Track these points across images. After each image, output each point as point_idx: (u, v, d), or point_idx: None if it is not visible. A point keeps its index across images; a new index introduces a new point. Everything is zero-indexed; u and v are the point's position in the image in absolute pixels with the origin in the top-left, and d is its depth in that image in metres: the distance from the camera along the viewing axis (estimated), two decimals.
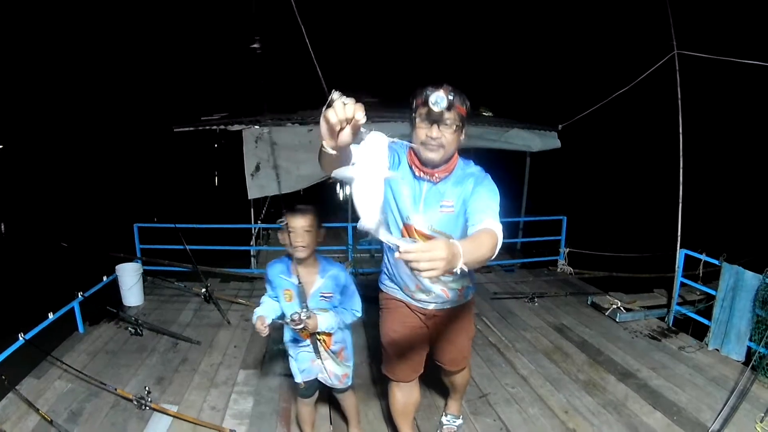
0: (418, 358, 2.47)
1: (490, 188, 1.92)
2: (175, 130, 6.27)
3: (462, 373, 2.70)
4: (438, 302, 2.28)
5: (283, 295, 2.36)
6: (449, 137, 1.84)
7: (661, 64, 4.98)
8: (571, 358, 4.04)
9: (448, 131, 1.83)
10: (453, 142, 1.87)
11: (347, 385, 2.64)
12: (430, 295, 2.24)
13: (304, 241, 2.22)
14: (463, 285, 2.29)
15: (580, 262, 6.69)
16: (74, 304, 4.29)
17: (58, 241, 6.09)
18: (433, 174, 1.97)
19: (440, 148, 1.86)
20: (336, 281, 2.37)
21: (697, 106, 5.92)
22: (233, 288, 5.82)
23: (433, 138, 1.83)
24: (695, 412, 3.20)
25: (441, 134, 1.82)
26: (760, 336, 3.71)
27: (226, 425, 3.02)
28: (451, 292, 2.25)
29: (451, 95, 1.72)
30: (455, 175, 2.00)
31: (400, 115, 6.29)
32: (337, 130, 1.19)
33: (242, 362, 3.91)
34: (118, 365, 3.81)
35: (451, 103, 1.73)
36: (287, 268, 2.35)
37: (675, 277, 4.78)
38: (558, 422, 3.12)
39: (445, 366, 2.58)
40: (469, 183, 1.95)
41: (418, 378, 2.55)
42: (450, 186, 1.99)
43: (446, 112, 1.76)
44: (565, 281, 6.23)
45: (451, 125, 1.82)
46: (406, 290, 2.30)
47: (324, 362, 2.46)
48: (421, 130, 1.86)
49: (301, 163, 6.05)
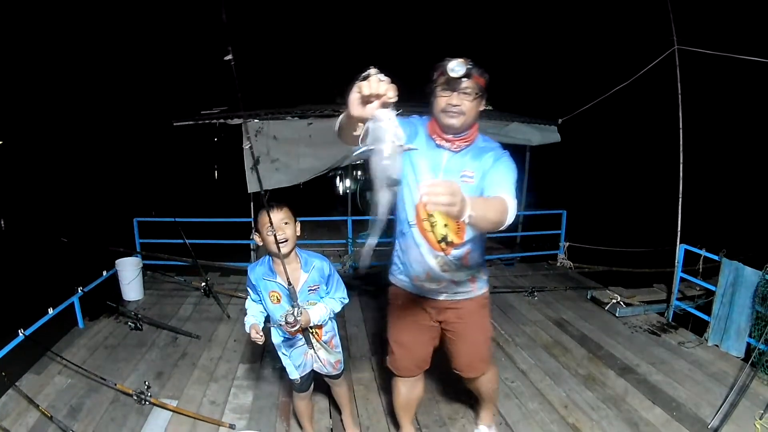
0: (424, 354, 2.46)
1: (508, 165, 1.97)
2: (175, 124, 6.24)
3: (486, 378, 2.56)
4: (449, 292, 2.24)
5: (268, 298, 2.30)
6: (468, 105, 1.91)
7: (662, 59, 4.95)
8: (570, 353, 4.04)
9: (467, 99, 1.90)
10: (472, 110, 1.93)
11: (341, 371, 2.65)
12: (440, 284, 2.20)
13: (285, 235, 2.17)
14: (474, 274, 2.25)
15: (580, 256, 6.69)
16: (74, 299, 4.29)
17: (57, 236, 6.09)
18: (454, 142, 2.01)
19: (460, 115, 1.92)
20: (321, 273, 2.33)
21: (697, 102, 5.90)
22: (233, 282, 5.82)
23: (453, 105, 1.90)
24: (694, 407, 3.21)
25: (461, 101, 1.90)
26: (760, 332, 3.70)
27: (225, 419, 3.03)
28: (462, 284, 2.23)
29: (470, 64, 1.79)
30: (475, 147, 2.05)
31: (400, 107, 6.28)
32: (365, 102, 1.25)
33: (242, 356, 3.92)
34: (117, 360, 3.82)
35: (469, 71, 1.79)
36: (270, 269, 2.29)
37: (675, 272, 4.78)
38: (557, 417, 3.12)
39: (463, 373, 2.47)
40: (488, 157, 2.00)
41: (423, 373, 2.56)
42: (470, 158, 2.02)
43: (465, 81, 1.84)
44: (565, 275, 6.24)
45: (471, 93, 1.89)
46: (416, 280, 2.25)
47: (317, 352, 2.45)
48: (442, 98, 1.93)
49: (301, 157, 6.03)
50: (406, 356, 2.46)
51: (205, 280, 5.04)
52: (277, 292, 2.29)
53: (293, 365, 2.47)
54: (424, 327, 2.38)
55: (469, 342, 2.37)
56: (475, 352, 2.41)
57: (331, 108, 6.14)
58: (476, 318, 2.34)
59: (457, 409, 3.17)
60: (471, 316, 2.32)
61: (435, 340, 2.45)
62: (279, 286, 2.27)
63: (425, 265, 2.16)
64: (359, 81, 1.23)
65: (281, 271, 2.23)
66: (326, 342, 2.48)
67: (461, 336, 2.36)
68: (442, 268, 2.14)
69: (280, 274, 2.24)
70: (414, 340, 2.42)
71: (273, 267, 2.28)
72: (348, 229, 6.24)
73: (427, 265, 2.15)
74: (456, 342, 2.38)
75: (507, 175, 1.92)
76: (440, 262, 2.12)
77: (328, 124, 5.96)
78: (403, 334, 2.43)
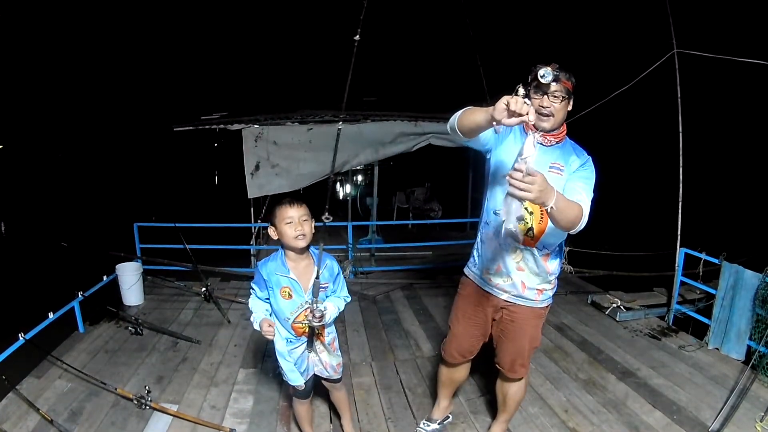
0: (470, 347, 2.61)
1: (591, 172, 2.15)
2: (175, 129, 6.26)
3: (516, 386, 2.65)
4: (512, 293, 2.36)
5: (279, 293, 2.31)
6: (557, 106, 2.08)
7: (661, 62, 4.97)
8: (571, 357, 4.04)
9: (556, 101, 2.07)
10: (560, 111, 2.10)
11: (341, 375, 2.67)
12: (507, 281, 2.33)
13: (303, 230, 2.22)
14: (544, 287, 2.35)
15: (580, 260, 6.68)
16: (74, 304, 4.29)
17: (58, 240, 6.09)
18: (546, 136, 2.16)
19: (550, 117, 2.09)
20: (331, 271, 2.37)
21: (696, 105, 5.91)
22: (233, 287, 5.82)
23: (544, 107, 2.07)
24: (695, 411, 3.20)
25: (550, 104, 2.07)
26: (760, 335, 3.70)
27: (226, 424, 3.02)
28: (529, 290, 2.33)
29: (558, 71, 1.99)
30: (565, 145, 2.20)
31: (399, 114, 6.30)
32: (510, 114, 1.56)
33: (242, 361, 3.91)
34: (118, 364, 3.81)
35: (557, 76, 1.98)
36: (282, 264, 2.31)
37: (675, 275, 4.78)
38: (558, 421, 3.12)
39: (504, 369, 2.56)
40: (575, 159, 2.16)
41: (470, 362, 2.75)
42: (559, 153, 2.18)
43: (553, 85, 2.02)
44: (565, 280, 6.23)
45: (559, 96, 2.06)
46: (485, 273, 2.40)
47: (320, 354, 2.49)
48: (535, 100, 2.09)
49: (301, 162, 6.05)
50: (453, 343, 2.64)
51: (205, 285, 5.04)
52: (288, 287, 2.30)
53: (298, 371, 2.47)
54: (478, 322, 2.53)
55: (515, 345, 2.48)
56: (518, 351, 2.49)
57: (331, 113, 6.16)
58: (528, 326, 2.43)
59: (456, 415, 3.16)
60: (524, 322, 2.42)
61: (485, 337, 2.59)
62: (291, 282, 2.29)
63: (501, 256, 2.30)
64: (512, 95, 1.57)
65: (294, 267, 2.29)
66: (328, 344, 2.51)
67: (509, 337, 2.47)
68: (518, 265, 2.28)
69: (293, 269, 2.29)
70: (464, 332, 2.58)
71: (286, 262, 2.31)
72: (348, 234, 6.24)
73: (503, 257, 2.29)
74: (503, 341, 2.51)
75: (588, 183, 2.10)
76: (518, 256, 2.27)
77: (328, 130, 5.99)
78: (457, 323, 2.60)
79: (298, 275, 2.29)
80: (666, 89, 4.81)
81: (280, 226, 2.23)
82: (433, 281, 6.10)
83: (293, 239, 2.21)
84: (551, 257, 2.29)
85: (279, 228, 2.24)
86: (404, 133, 6.25)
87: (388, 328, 4.67)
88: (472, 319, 2.53)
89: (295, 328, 2.34)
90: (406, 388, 3.53)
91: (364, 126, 6.10)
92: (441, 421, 2.98)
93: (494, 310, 2.45)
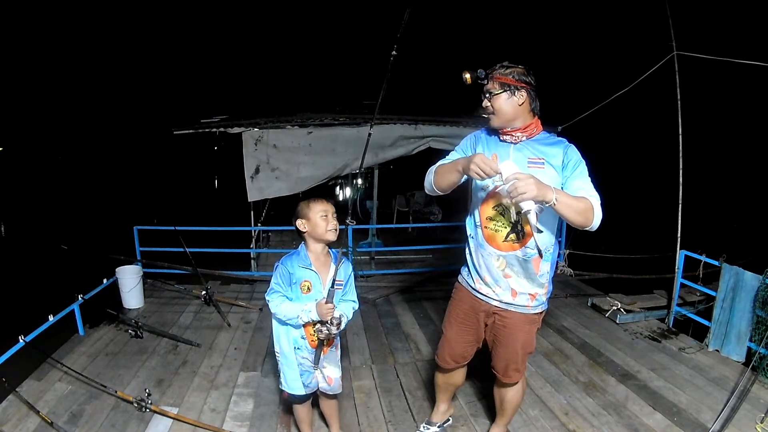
0: (463, 351, 2.58)
1: (577, 161, 2.11)
2: (175, 132, 6.26)
3: (513, 390, 2.63)
4: (503, 300, 2.33)
5: (300, 287, 2.33)
6: (497, 104, 2.08)
7: (661, 64, 4.98)
8: (571, 360, 4.04)
9: (496, 99, 2.08)
10: (505, 105, 2.09)
11: (342, 389, 2.70)
12: (497, 289, 2.31)
13: (335, 225, 2.29)
14: (536, 291, 2.30)
15: (580, 263, 6.68)
16: (74, 307, 4.29)
17: (58, 243, 6.09)
18: (513, 134, 2.15)
19: (492, 115, 2.12)
20: (346, 271, 2.43)
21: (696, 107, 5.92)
22: (233, 290, 5.83)
23: (483, 107, 2.13)
24: (695, 412, 3.20)
25: (488, 103, 2.10)
26: (760, 336, 3.70)
27: (226, 427, 3.02)
28: (521, 296, 2.30)
29: (480, 71, 2.04)
30: (538, 139, 2.17)
31: (399, 117, 6.30)
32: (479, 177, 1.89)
33: (242, 364, 3.91)
34: (118, 367, 3.81)
35: (485, 75, 2.04)
36: (305, 257, 2.35)
37: (675, 278, 4.78)
38: (558, 424, 3.12)
39: (499, 374, 2.54)
40: (557, 148, 2.13)
41: (465, 367, 2.73)
42: (533, 147, 2.15)
43: (487, 84, 2.07)
44: (565, 283, 6.23)
45: (494, 92, 2.07)
46: (476, 282, 2.40)
47: (324, 371, 2.52)
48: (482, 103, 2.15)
49: (301, 165, 6.05)
50: (446, 347, 2.61)
51: (205, 288, 5.04)
52: (309, 281, 2.33)
53: (302, 382, 2.47)
54: (471, 327, 2.51)
55: (507, 350, 2.44)
56: (511, 357, 2.45)
57: (331, 117, 6.17)
58: (519, 331, 2.39)
59: (456, 418, 3.16)
60: (515, 327, 2.38)
61: (478, 342, 2.57)
62: (313, 275, 2.33)
63: (486, 266, 2.29)
64: (477, 161, 1.86)
65: (315, 260, 2.34)
66: (332, 351, 2.53)
67: (501, 342, 2.45)
68: (504, 272, 2.26)
69: (315, 262, 2.34)
70: (457, 337, 2.56)
71: (307, 257, 2.35)
72: (348, 238, 6.23)
73: (488, 267, 2.28)
74: (496, 346, 2.49)
75: (583, 176, 2.08)
76: (501, 264, 2.25)
77: (328, 133, 6.00)
78: (450, 327, 2.59)
79: (318, 269, 2.34)
80: (666, 91, 4.81)
81: (315, 218, 2.28)
82: (433, 284, 6.09)
83: (326, 231, 2.27)
84: (543, 259, 2.22)
85: (313, 220, 2.29)
86: (404, 137, 6.25)
87: (388, 331, 4.67)
88: (464, 324, 2.51)
89: (307, 329, 2.36)
90: (406, 391, 3.53)
91: (364, 129, 6.11)
92: (441, 424, 2.98)
93: (486, 315, 2.43)
